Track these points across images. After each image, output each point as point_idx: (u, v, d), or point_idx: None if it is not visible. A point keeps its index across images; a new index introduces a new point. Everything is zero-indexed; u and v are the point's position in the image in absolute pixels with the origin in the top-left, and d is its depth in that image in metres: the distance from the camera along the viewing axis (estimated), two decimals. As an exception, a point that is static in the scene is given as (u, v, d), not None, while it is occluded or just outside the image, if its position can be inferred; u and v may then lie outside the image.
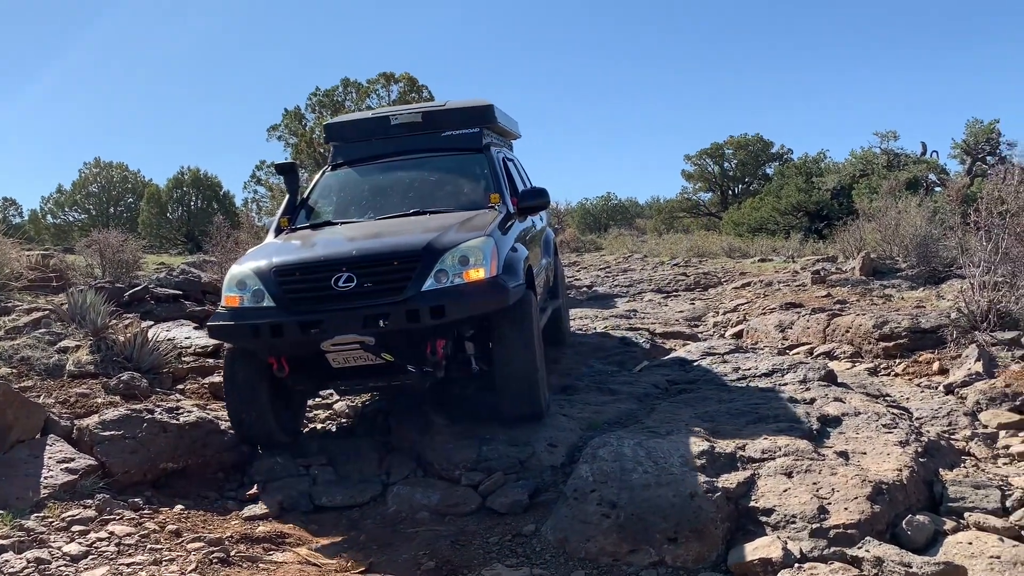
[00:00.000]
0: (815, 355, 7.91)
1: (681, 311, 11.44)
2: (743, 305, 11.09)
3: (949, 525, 3.95)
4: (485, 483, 4.88)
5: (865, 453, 4.60)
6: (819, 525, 3.85)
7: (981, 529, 3.87)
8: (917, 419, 5.62)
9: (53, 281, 9.84)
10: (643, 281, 14.89)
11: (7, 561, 3.64)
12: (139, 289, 9.33)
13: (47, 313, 7.60)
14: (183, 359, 7.02)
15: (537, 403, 5.46)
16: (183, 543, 4.08)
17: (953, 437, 5.33)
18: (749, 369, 6.75)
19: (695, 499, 4.06)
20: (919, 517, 3.94)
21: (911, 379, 6.84)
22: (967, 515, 4.03)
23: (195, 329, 8.05)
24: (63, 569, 3.66)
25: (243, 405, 5.36)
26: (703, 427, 5.08)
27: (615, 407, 6.07)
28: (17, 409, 4.70)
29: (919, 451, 4.60)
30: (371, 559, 4.18)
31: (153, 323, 8.18)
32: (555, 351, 7.90)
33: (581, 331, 9.55)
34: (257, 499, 4.93)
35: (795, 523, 3.90)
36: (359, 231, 5.87)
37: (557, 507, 4.36)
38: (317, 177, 7.19)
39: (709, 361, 7.27)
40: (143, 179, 42.37)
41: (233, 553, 4.05)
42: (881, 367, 7.30)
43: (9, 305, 8.24)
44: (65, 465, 4.57)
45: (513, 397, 5.40)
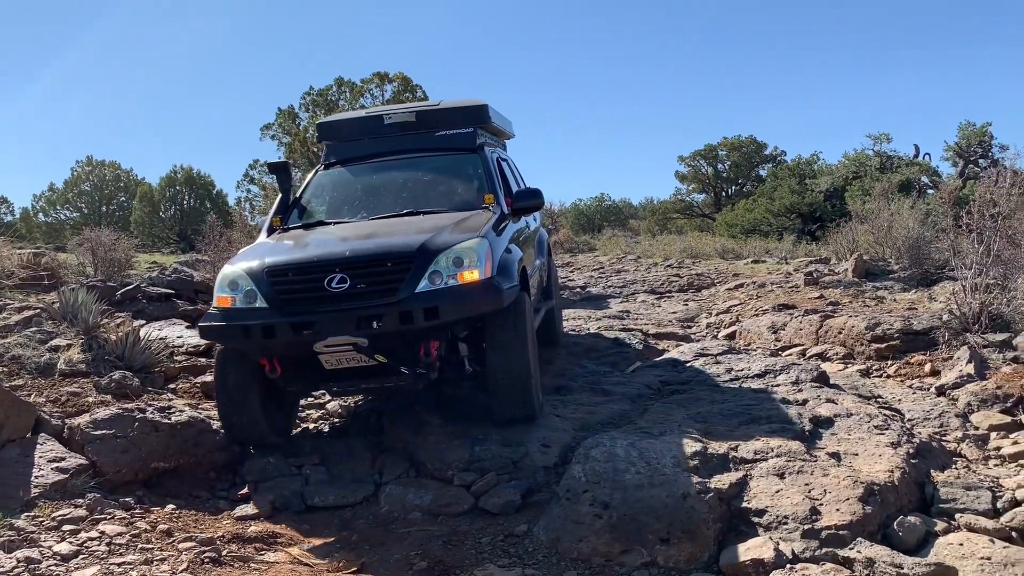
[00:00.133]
0: (808, 356, 7.93)
1: (674, 312, 11.45)
2: (736, 306, 11.11)
3: (940, 526, 3.97)
4: (478, 483, 4.88)
5: (857, 454, 4.61)
6: (811, 526, 3.86)
7: (972, 530, 3.89)
8: (909, 421, 5.63)
9: (44, 279, 9.79)
10: (636, 282, 14.90)
11: (-3, 560, 3.62)
12: (131, 288, 9.30)
13: (38, 312, 7.57)
14: (175, 358, 6.99)
15: (531, 405, 5.43)
16: (174, 543, 4.07)
17: (944, 439, 5.35)
18: (742, 370, 6.76)
19: (688, 500, 4.07)
20: (910, 518, 3.96)
21: (903, 381, 6.86)
22: (958, 516, 4.05)
23: (187, 328, 8.02)
24: (53, 568, 3.64)
25: (234, 408, 5.32)
26: (696, 428, 5.09)
27: (608, 408, 6.07)
28: (8, 408, 4.68)
29: (911, 452, 4.62)
30: (363, 559, 4.18)
31: (145, 322, 8.15)
32: (549, 351, 7.90)
33: (574, 331, 9.55)
34: (249, 499, 4.93)
35: (787, 524, 3.91)
36: (352, 231, 5.84)
37: (550, 507, 4.37)
38: (310, 176, 7.13)
39: (702, 362, 7.28)
40: (136, 178, 42.28)
41: (225, 553, 4.04)
42: (873, 369, 7.32)
43: (0, 303, 8.20)
44: (56, 464, 4.55)
45: (506, 399, 5.36)
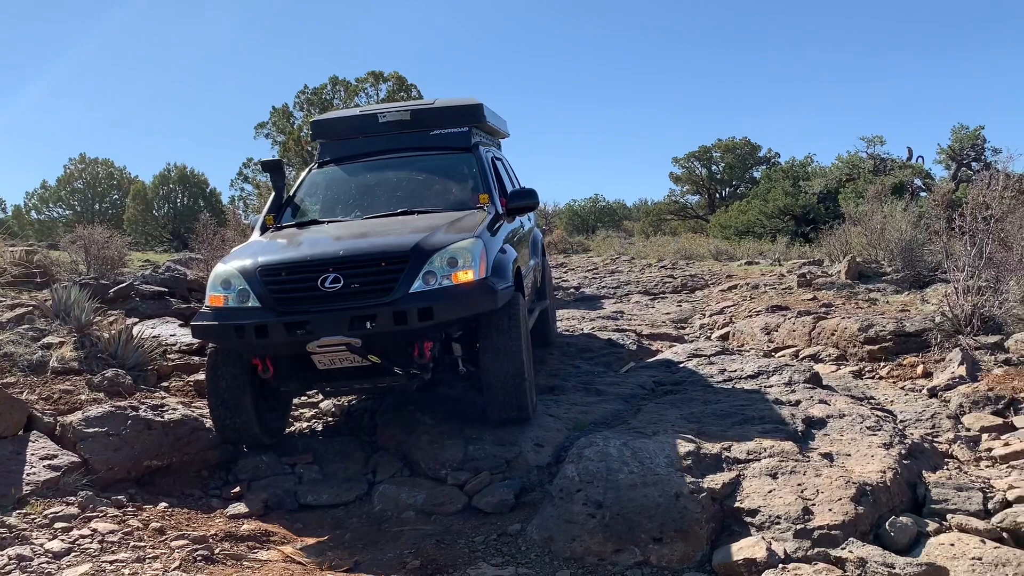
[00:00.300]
0: (800, 358, 7.95)
1: (668, 313, 11.47)
2: (729, 307, 11.13)
3: (932, 527, 3.98)
4: (471, 482, 4.88)
5: (849, 455, 4.62)
6: (803, 526, 3.88)
7: (963, 531, 3.90)
8: (901, 422, 5.66)
9: (37, 277, 9.76)
10: (630, 283, 14.90)
11: (-12, 558, 3.61)
12: (124, 286, 9.27)
13: (31, 309, 7.55)
14: (168, 356, 6.97)
15: (524, 407, 5.40)
16: (167, 541, 4.06)
17: (936, 440, 5.37)
18: (735, 371, 6.77)
19: (680, 499, 4.08)
20: (902, 519, 3.98)
21: (895, 382, 6.89)
22: (950, 517, 4.06)
23: (180, 327, 7.99)
24: (45, 566, 3.63)
25: (226, 410, 5.28)
26: (689, 428, 5.10)
27: (601, 407, 6.08)
28: (0, 405, 4.66)
29: (903, 453, 4.63)
30: (356, 558, 4.17)
31: (138, 320, 8.13)
32: (542, 352, 7.91)
33: (568, 332, 9.55)
34: (242, 497, 4.92)
35: (779, 524, 3.92)
36: (346, 230, 5.81)
37: (543, 507, 4.37)
38: (303, 175, 7.10)
39: (695, 363, 7.29)
40: (129, 175, 42.07)
41: (217, 551, 4.03)
42: (866, 370, 7.34)
43: (-8, 301, 8.17)
44: (48, 462, 4.54)
45: (500, 400, 5.33)
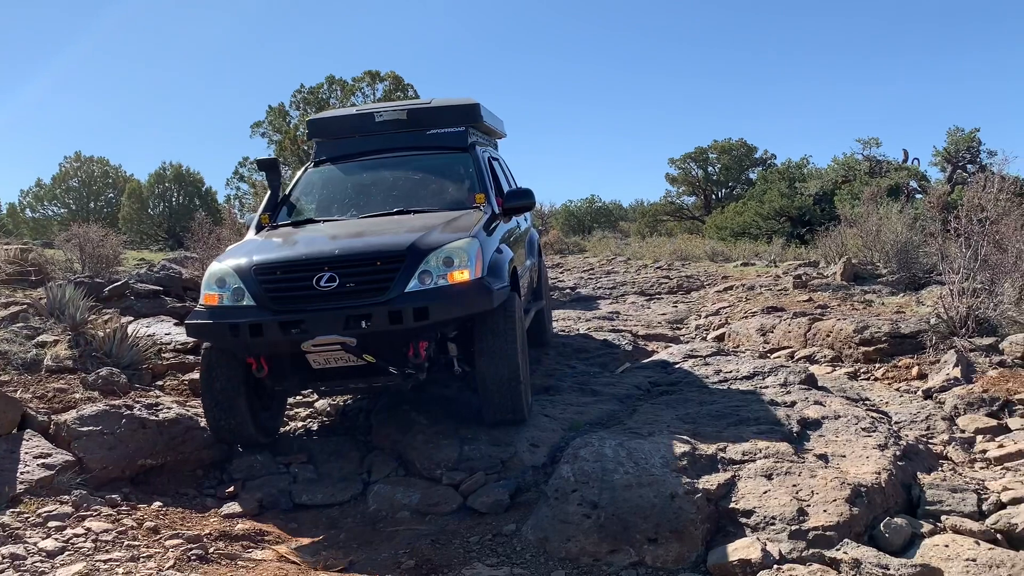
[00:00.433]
0: (796, 359, 7.95)
1: (663, 314, 11.47)
2: (725, 308, 11.14)
3: (926, 528, 3.99)
4: (466, 482, 4.88)
5: (844, 456, 4.63)
6: (798, 527, 3.88)
7: (958, 532, 3.91)
8: (896, 423, 5.67)
9: (31, 275, 9.72)
10: (626, 283, 14.91)
11: (-19, 557, 3.60)
12: (119, 284, 9.25)
13: (25, 307, 7.52)
14: (163, 355, 6.96)
15: (519, 409, 5.37)
16: (161, 540, 4.05)
17: (931, 441, 5.38)
18: (730, 372, 6.78)
19: (675, 500, 4.08)
20: (897, 520, 3.98)
21: (890, 383, 6.90)
22: (944, 518, 4.07)
23: (175, 325, 7.98)
24: (39, 565, 3.62)
25: (221, 412, 5.27)
26: (684, 429, 5.10)
27: (597, 408, 6.07)
28: (-7, 403, 4.65)
29: (897, 455, 4.64)
30: (351, 557, 4.17)
31: (133, 319, 8.11)
32: (538, 352, 7.90)
33: (564, 332, 9.55)
34: (236, 497, 4.91)
35: (774, 525, 3.93)
36: (342, 230, 5.79)
37: (538, 507, 4.37)
38: (299, 174, 7.08)
39: (691, 363, 7.30)
40: (124, 174, 41.96)
41: (211, 550, 4.02)
42: (861, 371, 7.35)
43: (-14, 299, 8.14)
44: (42, 460, 4.53)
45: (495, 401, 5.31)
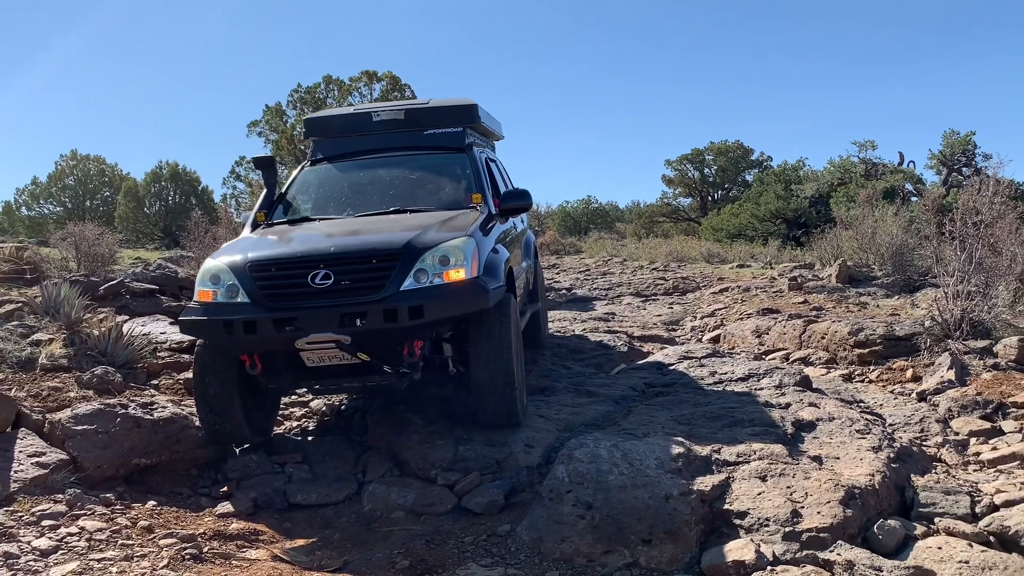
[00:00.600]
0: (791, 361, 7.97)
1: (659, 315, 11.49)
2: (720, 310, 11.17)
3: (920, 530, 4.00)
4: (461, 483, 4.87)
5: (838, 458, 4.64)
6: (792, 528, 3.89)
7: (951, 534, 3.92)
8: (890, 425, 5.68)
9: (27, 273, 9.71)
10: (622, 285, 14.92)
11: (-26, 555, 3.59)
12: (114, 283, 9.23)
13: (20, 305, 7.50)
14: (158, 354, 6.94)
15: (514, 411, 5.34)
16: (155, 539, 4.04)
17: (925, 443, 5.40)
18: (725, 373, 6.79)
19: (670, 501, 4.09)
20: (890, 522, 3.99)
21: (885, 386, 6.92)
22: (937, 520, 4.08)
23: (171, 324, 7.96)
24: (32, 563, 3.61)
25: (215, 417, 5.26)
26: (679, 430, 5.10)
27: (592, 409, 6.07)
28: (-13, 402, 4.64)
29: (891, 457, 4.65)
30: (345, 557, 4.17)
31: (128, 318, 8.10)
32: (534, 353, 7.91)
33: (560, 333, 9.56)
34: (231, 496, 4.90)
35: (768, 526, 3.93)
36: (337, 228, 5.78)
37: (533, 507, 4.37)
38: (296, 172, 7.06)
39: (686, 365, 7.31)
40: (120, 173, 41.78)
41: (206, 550, 4.02)
42: (856, 373, 7.37)
43: (-19, 297, 8.12)
44: (36, 459, 4.52)
45: (489, 403, 5.28)
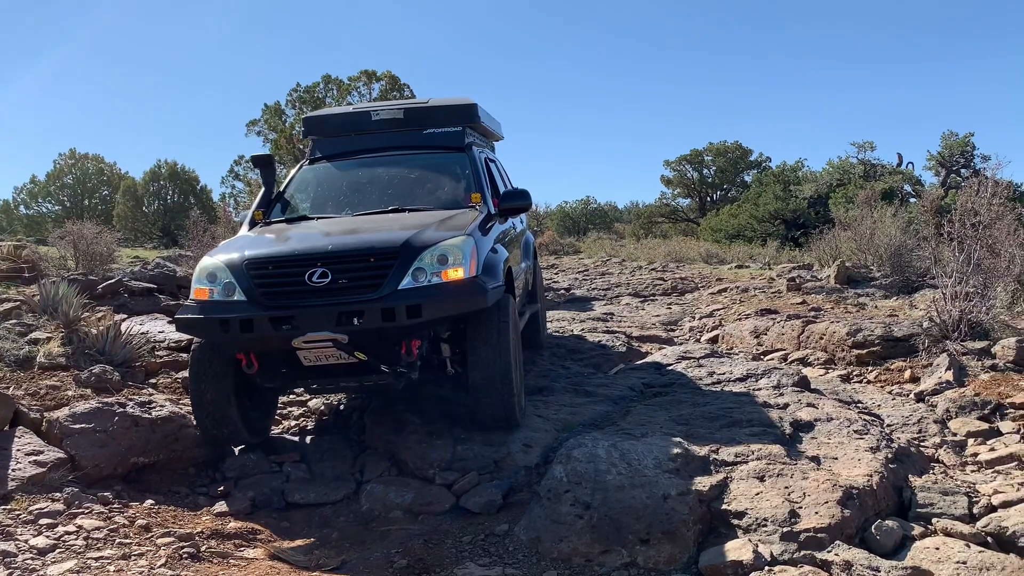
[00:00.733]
0: (789, 361, 7.97)
1: (658, 315, 11.49)
2: (719, 310, 11.17)
3: (917, 530, 4.00)
4: (459, 482, 4.87)
5: (836, 458, 4.64)
6: (790, 529, 3.89)
7: (948, 535, 3.92)
8: (888, 426, 5.68)
9: (25, 272, 9.70)
10: (621, 285, 14.92)
11: (-29, 554, 3.58)
12: (113, 282, 9.22)
13: (18, 304, 7.49)
14: (156, 353, 6.94)
15: (512, 412, 5.32)
16: (153, 538, 4.04)
17: (923, 444, 5.40)
18: (724, 374, 6.79)
19: (668, 501, 4.09)
20: (888, 522, 4.00)
21: (883, 386, 6.92)
22: (935, 521, 4.08)
23: (169, 323, 7.95)
24: (30, 562, 3.61)
25: (212, 422, 5.26)
26: (677, 430, 5.10)
27: (590, 409, 6.07)
28: (-15, 400, 4.64)
29: (889, 457, 4.65)
30: (343, 557, 4.17)
31: (126, 316, 8.10)
32: (532, 353, 7.91)
33: (558, 333, 9.56)
34: (229, 495, 4.90)
35: (766, 526, 3.94)
36: (335, 226, 5.77)
37: (531, 507, 4.37)
38: (294, 171, 7.04)
39: (684, 365, 7.30)
40: (119, 171, 41.75)
41: (203, 549, 4.02)
42: (854, 374, 7.37)
43: (-21, 295, 8.11)
44: (34, 458, 4.51)
45: (487, 404, 5.25)
